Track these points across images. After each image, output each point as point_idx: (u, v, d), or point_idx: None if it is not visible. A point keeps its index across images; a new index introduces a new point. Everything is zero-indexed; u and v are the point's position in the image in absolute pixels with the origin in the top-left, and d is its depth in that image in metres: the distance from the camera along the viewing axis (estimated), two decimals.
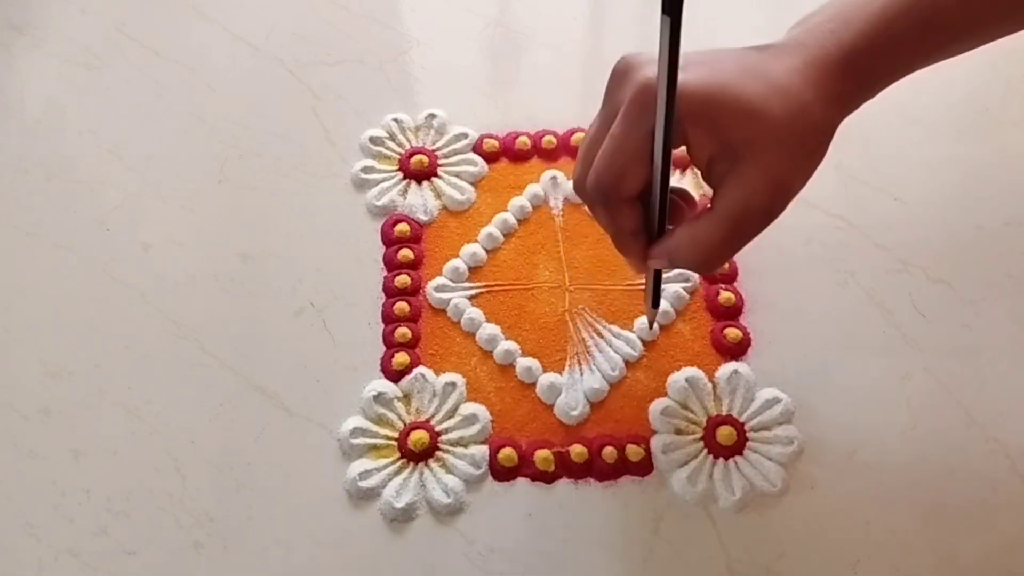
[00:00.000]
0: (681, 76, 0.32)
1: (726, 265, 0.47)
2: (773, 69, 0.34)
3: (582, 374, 0.44)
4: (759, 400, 0.43)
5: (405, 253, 0.48)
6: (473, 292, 0.47)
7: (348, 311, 0.46)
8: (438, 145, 0.52)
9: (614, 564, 0.40)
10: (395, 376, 0.44)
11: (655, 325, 0.45)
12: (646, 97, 0.33)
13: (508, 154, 0.51)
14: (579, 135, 0.51)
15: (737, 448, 0.42)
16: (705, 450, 0.42)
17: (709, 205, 0.36)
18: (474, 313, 0.46)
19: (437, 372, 0.44)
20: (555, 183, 0.50)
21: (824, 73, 0.34)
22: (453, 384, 0.44)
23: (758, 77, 0.34)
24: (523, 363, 0.44)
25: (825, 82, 0.34)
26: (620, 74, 0.35)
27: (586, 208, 0.38)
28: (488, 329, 0.45)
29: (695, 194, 0.39)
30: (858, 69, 0.35)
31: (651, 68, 0.33)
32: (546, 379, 0.44)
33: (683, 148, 0.35)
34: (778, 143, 0.34)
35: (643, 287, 0.46)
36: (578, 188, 0.37)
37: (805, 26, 0.36)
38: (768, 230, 0.48)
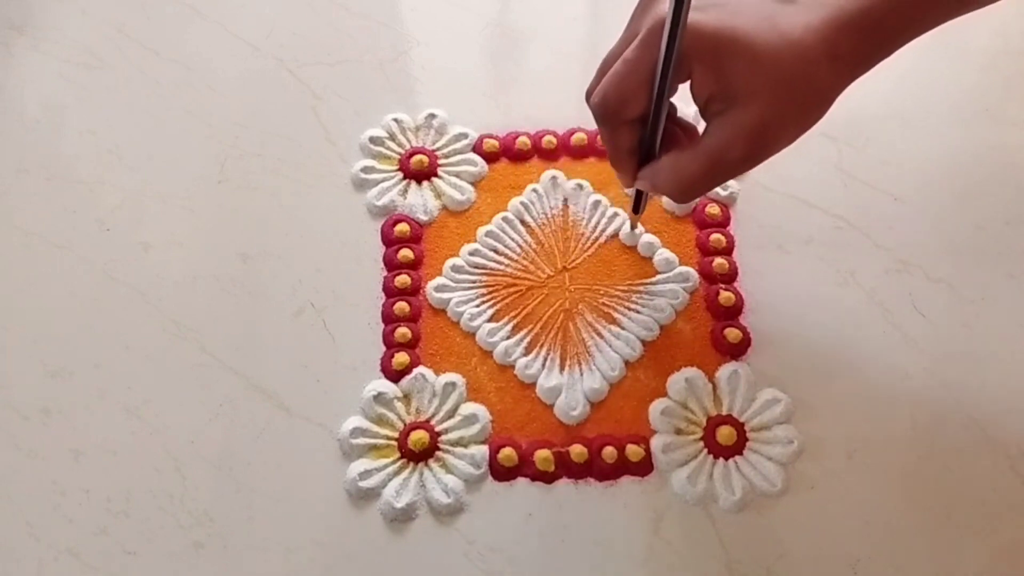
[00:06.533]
0: (698, 15, 0.34)
1: (725, 259, 0.47)
2: (790, 22, 0.35)
3: (582, 374, 0.44)
4: (759, 400, 0.43)
5: (405, 253, 0.48)
6: (473, 292, 0.47)
7: (348, 311, 0.46)
8: (438, 145, 0.52)
9: (614, 564, 0.40)
10: (395, 376, 0.44)
11: (638, 227, 0.48)
12: (662, 29, 0.34)
13: (508, 154, 0.51)
14: (579, 135, 0.51)
15: (737, 448, 0.42)
16: (705, 450, 0.42)
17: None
18: (474, 313, 0.46)
19: (437, 372, 0.44)
20: (555, 183, 0.50)
21: (840, 33, 0.35)
22: (453, 384, 0.44)
23: (773, 28, 0.35)
24: (523, 363, 0.44)
25: (839, 42, 0.35)
26: (646, 2, 0.36)
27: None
28: (488, 329, 0.45)
29: (700, 127, 0.39)
30: (874, 28, 0.35)
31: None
32: (546, 379, 0.44)
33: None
34: (776, 95, 0.35)
35: (644, 289, 0.46)
36: (588, 99, 0.39)
37: None
38: (768, 230, 0.48)
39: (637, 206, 0.44)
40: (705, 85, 0.36)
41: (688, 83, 0.37)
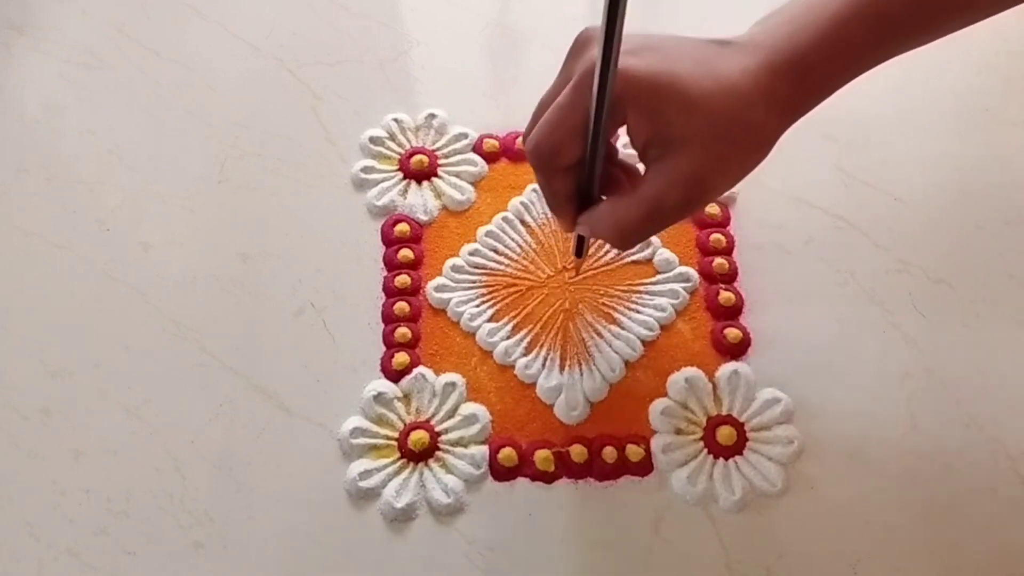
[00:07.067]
0: (632, 60, 0.33)
1: (725, 259, 0.47)
2: (726, 66, 0.34)
3: (582, 374, 0.44)
4: (759, 400, 0.43)
5: (405, 253, 0.48)
6: (473, 292, 0.47)
7: (348, 311, 0.46)
8: (438, 145, 0.52)
9: (614, 564, 0.40)
10: (395, 376, 0.44)
11: (579, 270, 0.47)
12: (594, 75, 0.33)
13: (508, 154, 0.51)
14: None
15: (737, 448, 0.42)
16: (705, 450, 0.42)
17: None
18: (474, 313, 0.46)
19: (437, 372, 0.44)
20: None
21: (776, 77, 0.34)
22: (453, 384, 0.44)
23: (709, 73, 0.34)
24: (523, 363, 0.44)
25: (775, 86, 0.34)
26: (579, 45, 0.36)
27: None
28: (488, 329, 0.45)
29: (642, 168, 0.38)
30: (810, 72, 0.35)
31: None
32: (546, 379, 0.44)
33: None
34: (712, 141, 0.34)
35: (644, 289, 0.46)
36: (523, 144, 0.38)
37: (764, 26, 0.36)
38: (768, 230, 0.48)
39: (579, 250, 0.43)
40: (641, 131, 0.35)
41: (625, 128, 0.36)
